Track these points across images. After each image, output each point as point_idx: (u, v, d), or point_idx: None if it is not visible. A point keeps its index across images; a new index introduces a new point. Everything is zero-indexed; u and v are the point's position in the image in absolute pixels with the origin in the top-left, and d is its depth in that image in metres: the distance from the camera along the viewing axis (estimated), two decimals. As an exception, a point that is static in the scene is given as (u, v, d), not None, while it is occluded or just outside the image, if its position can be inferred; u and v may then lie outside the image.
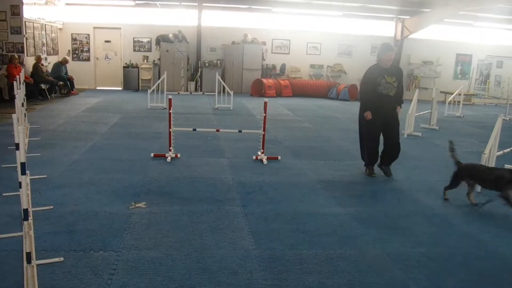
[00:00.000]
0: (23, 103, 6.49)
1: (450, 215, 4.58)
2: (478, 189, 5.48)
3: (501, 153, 5.95)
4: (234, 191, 5.00)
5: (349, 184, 5.53)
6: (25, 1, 11.66)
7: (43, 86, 11.83)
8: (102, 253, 3.37)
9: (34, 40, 12.45)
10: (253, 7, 15.67)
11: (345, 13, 16.03)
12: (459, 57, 17.63)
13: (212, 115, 10.49)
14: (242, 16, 16.14)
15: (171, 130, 6.26)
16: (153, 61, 15.52)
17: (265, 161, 6.25)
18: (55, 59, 13.80)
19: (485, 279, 3.29)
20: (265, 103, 6.29)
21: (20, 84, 6.43)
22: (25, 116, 6.96)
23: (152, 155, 6.31)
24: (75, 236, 3.63)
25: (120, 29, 15.48)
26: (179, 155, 6.32)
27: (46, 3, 13.47)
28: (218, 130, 7.39)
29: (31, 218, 2.97)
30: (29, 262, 2.66)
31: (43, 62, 12.60)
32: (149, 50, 15.74)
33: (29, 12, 11.99)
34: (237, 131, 7.15)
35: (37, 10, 12.69)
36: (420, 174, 6.09)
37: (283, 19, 16.32)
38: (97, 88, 15.54)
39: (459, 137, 9.26)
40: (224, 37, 15.82)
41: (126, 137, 7.68)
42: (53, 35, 14.33)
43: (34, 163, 5.42)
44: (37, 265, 2.87)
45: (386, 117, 5.59)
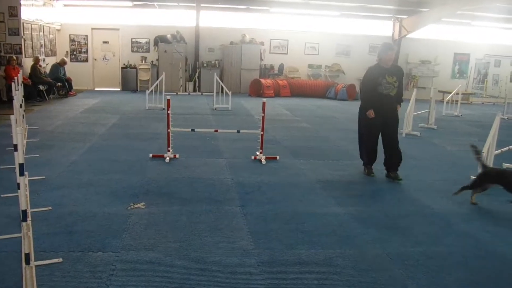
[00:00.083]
0: (21, 104, 6.49)
1: (449, 214, 4.58)
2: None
3: (499, 152, 5.97)
4: (233, 191, 5.00)
5: (348, 183, 5.53)
6: (23, 2, 11.64)
7: (41, 87, 11.81)
8: (101, 253, 3.37)
9: (32, 41, 12.43)
10: (251, 7, 15.68)
11: (343, 13, 16.06)
12: (457, 56, 17.66)
13: (210, 116, 10.49)
14: (240, 16, 16.16)
15: (169, 130, 6.26)
16: (151, 61, 15.51)
17: (263, 161, 6.25)
18: (53, 60, 13.79)
19: (484, 278, 3.30)
20: (264, 103, 6.30)
21: (18, 85, 6.42)
22: (23, 117, 6.95)
23: (150, 155, 6.30)
24: (74, 237, 3.63)
25: (118, 30, 15.47)
26: (177, 156, 6.32)
27: (44, 4, 13.45)
28: (216, 130, 7.39)
29: (29, 219, 2.98)
30: (28, 263, 2.66)
31: (41, 63, 12.59)
32: (147, 50, 15.73)
33: (27, 13, 11.97)
34: (236, 131, 7.15)
35: (35, 11, 12.67)
36: (418, 173, 6.09)
37: (281, 19, 16.34)
38: (95, 89, 15.53)
39: (457, 136, 9.29)
40: (222, 38, 15.82)
41: (124, 138, 7.68)
42: (51, 36, 14.31)
43: (32, 164, 5.41)
44: (36, 266, 2.86)
45: (386, 117, 5.56)
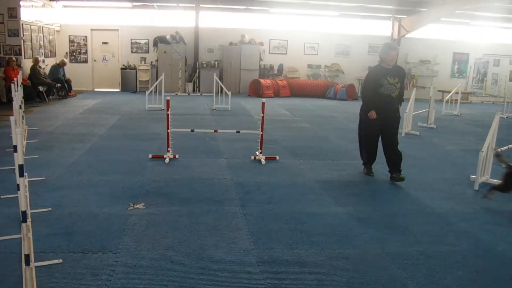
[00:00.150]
0: (20, 106, 6.49)
1: (448, 213, 4.59)
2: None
3: (498, 151, 5.97)
4: (232, 192, 5.00)
5: (348, 183, 5.54)
6: (22, 3, 11.65)
7: (40, 88, 11.82)
8: (100, 254, 3.37)
9: (31, 42, 12.44)
10: (250, 7, 15.68)
11: (342, 13, 16.06)
12: (456, 55, 17.66)
13: (210, 116, 10.49)
14: (239, 16, 16.15)
15: (169, 131, 6.26)
16: (151, 62, 15.51)
17: (263, 161, 6.25)
18: (53, 61, 13.79)
19: (484, 277, 3.30)
20: (263, 104, 6.30)
21: (17, 86, 6.42)
22: (23, 118, 6.96)
23: (150, 156, 6.30)
24: (74, 237, 3.63)
25: (117, 30, 15.47)
26: (177, 156, 6.32)
27: (43, 6, 13.45)
28: (216, 130, 7.40)
29: (29, 220, 2.98)
30: (27, 264, 2.66)
31: (41, 64, 12.59)
32: (147, 51, 15.73)
33: (27, 14, 11.97)
34: (235, 131, 7.15)
35: (35, 12, 12.67)
36: (418, 173, 6.09)
37: (280, 19, 16.34)
38: (95, 89, 15.53)
39: (456, 135, 9.29)
40: (221, 38, 15.82)
41: (124, 138, 7.68)
42: (51, 37, 14.31)
43: (32, 165, 5.41)
44: (35, 267, 2.87)
45: (386, 118, 5.48)
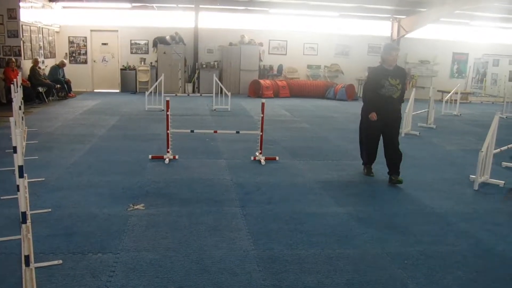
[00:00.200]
0: (20, 107, 6.49)
1: (448, 213, 4.59)
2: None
3: (498, 151, 5.99)
4: (232, 192, 5.00)
5: (347, 183, 5.54)
6: (22, 4, 11.65)
7: (40, 89, 11.81)
8: (100, 255, 3.37)
9: (31, 43, 12.44)
10: (249, 8, 15.69)
11: (341, 13, 16.07)
12: (455, 56, 17.67)
13: (209, 117, 10.49)
14: (239, 17, 16.15)
15: (169, 131, 6.26)
16: (151, 63, 15.51)
17: (263, 162, 6.25)
18: (52, 62, 13.79)
19: (484, 277, 3.30)
20: (263, 104, 6.30)
21: (17, 87, 6.42)
22: (23, 119, 6.96)
23: (150, 157, 6.30)
24: (74, 238, 3.63)
25: (117, 31, 15.47)
26: (177, 157, 6.32)
27: (43, 6, 13.46)
28: (216, 131, 7.40)
29: (29, 221, 2.98)
30: (27, 265, 2.66)
31: (40, 65, 12.59)
32: (146, 52, 15.74)
33: (26, 15, 11.97)
34: (235, 132, 7.15)
35: (34, 13, 12.67)
36: (418, 173, 6.10)
37: (279, 20, 16.34)
38: (95, 90, 15.52)
39: (456, 135, 9.30)
40: (221, 39, 15.82)
41: (124, 139, 7.68)
42: (50, 38, 14.31)
43: (32, 166, 5.41)
44: (35, 268, 2.87)
45: (387, 119, 5.43)
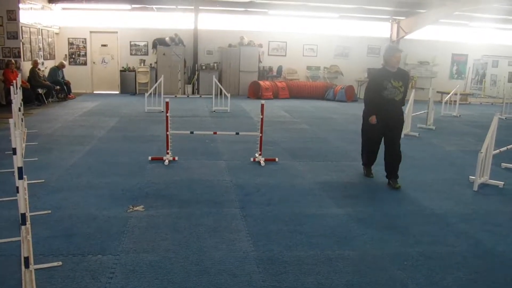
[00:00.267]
0: (20, 108, 6.49)
1: (448, 214, 4.60)
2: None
3: (497, 151, 5.99)
4: (232, 193, 5.00)
5: (347, 184, 5.54)
6: (21, 6, 11.66)
7: (40, 90, 11.80)
8: (100, 257, 3.37)
9: (30, 45, 12.44)
10: (249, 9, 15.70)
11: (341, 14, 16.09)
12: (454, 57, 17.70)
13: (209, 118, 10.50)
14: (238, 18, 16.17)
15: (168, 133, 6.26)
16: (150, 64, 15.53)
17: (262, 163, 6.25)
18: (52, 64, 13.80)
19: (483, 277, 3.30)
20: (262, 105, 6.30)
21: (17, 89, 6.42)
22: (22, 121, 6.96)
23: (149, 158, 6.30)
24: (73, 240, 3.63)
25: (116, 33, 15.48)
26: (176, 158, 6.32)
27: (42, 8, 13.46)
28: (215, 132, 7.41)
29: (28, 222, 2.98)
30: (27, 266, 2.66)
31: (40, 66, 12.59)
32: (146, 53, 15.74)
33: (26, 17, 11.97)
34: (235, 133, 7.15)
35: (34, 15, 12.67)
36: (417, 173, 6.10)
37: (279, 21, 16.35)
38: (94, 92, 15.53)
39: (456, 136, 9.30)
40: (220, 40, 15.83)
41: (123, 140, 7.68)
42: (50, 39, 14.31)
43: (31, 168, 5.42)
44: (35, 269, 2.87)
45: (389, 122, 5.35)
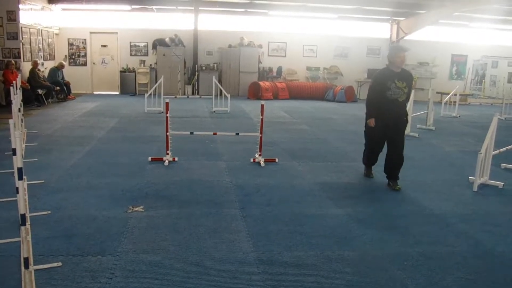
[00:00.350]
0: (20, 109, 6.49)
1: (447, 214, 4.60)
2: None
3: (497, 152, 5.99)
4: (232, 194, 5.00)
5: (347, 185, 5.54)
6: (21, 6, 11.66)
7: (39, 91, 11.80)
8: (100, 257, 3.37)
9: (30, 45, 12.44)
10: (249, 10, 15.71)
11: (340, 15, 16.11)
12: (454, 57, 17.71)
13: (209, 118, 10.50)
14: (238, 19, 16.18)
15: (168, 133, 6.26)
16: (150, 65, 15.54)
17: (262, 164, 6.26)
18: (52, 64, 13.80)
19: (483, 278, 3.30)
20: (262, 106, 6.31)
21: (16, 89, 6.42)
22: (22, 121, 6.95)
23: (149, 159, 6.30)
24: (73, 240, 3.63)
25: (116, 33, 15.49)
26: (176, 159, 6.32)
27: (42, 9, 13.47)
28: (215, 133, 7.41)
29: (28, 223, 2.97)
30: (26, 267, 2.66)
31: (40, 67, 12.59)
32: (146, 54, 15.75)
33: (26, 17, 11.98)
34: (234, 134, 7.16)
35: (34, 15, 12.68)
36: (417, 174, 6.10)
37: (279, 22, 16.37)
38: (94, 92, 15.53)
39: (455, 137, 9.31)
40: (220, 41, 15.84)
41: (123, 141, 7.68)
42: (50, 40, 14.32)
43: (31, 168, 5.41)
44: (35, 270, 2.86)
45: (392, 123, 5.26)
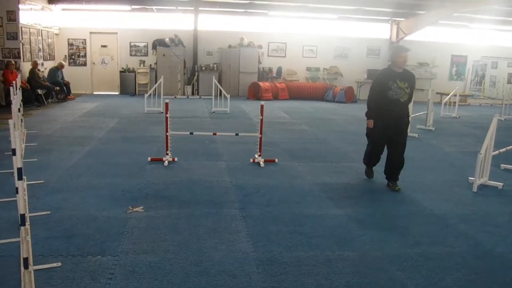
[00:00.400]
0: (19, 109, 6.49)
1: (447, 215, 4.60)
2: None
3: (496, 152, 5.99)
4: (231, 194, 5.00)
5: (347, 185, 5.54)
6: (21, 6, 11.66)
7: (39, 91, 11.80)
8: (100, 257, 3.37)
9: (30, 45, 12.44)
10: (249, 10, 15.72)
11: (340, 16, 16.12)
12: (454, 58, 17.72)
13: (209, 119, 10.50)
14: (238, 19, 16.19)
15: (168, 134, 6.26)
16: (150, 65, 15.54)
17: (262, 164, 6.26)
18: (52, 65, 13.80)
19: (483, 278, 3.30)
20: (262, 106, 6.31)
21: (16, 89, 6.42)
22: (22, 121, 6.95)
23: (149, 159, 6.30)
24: (73, 241, 3.63)
25: (116, 33, 15.50)
26: (176, 159, 6.32)
27: (42, 9, 13.47)
28: (215, 133, 7.41)
29: (28, 223, 2.97)
30: (26, 267, 2.66)
31: (40, 67, 12.59)
32: (146, 54, 15.76)
33: (26, 17, 11.98)
34: (234, 134, 7.15)
35: (34, 15, 12.68)
36: (417, 174, 6.10)
37: (279, 22, 16.38)
38: (94, 93, 15.54)
39: (455, 137, 9.31)
40: (220, 41, 15.85)
41: (123, 141, 7.68)
42: (50, 40, 14.32)
43: (31, 169, 5.41)
44: (34, 270, 2.86)
45: (393, 123, 5.21)
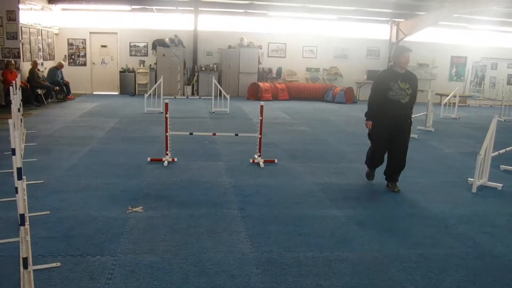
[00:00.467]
0: (19, 108, 6.49)
1: (447, 216, 4.60)
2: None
3: (496, 154, 6.00)
4: (231, 195, 5.00)
5: (346, 186, 5.54)
6: (21, 6, 11.67)
7: (39, 91, 11.81)
8: (99, 257, 3.37)
9: (30, 45, 12.44)
10: (249, 11, 15.72)
11: (340, 16, 16.13)
12: (454, 59, 17.73)
13: (208, 119, 10.50)
14: (238, 20, 16.19)
15: (167, 134, 6.26)
16: (150, 65, 15.54)
17: (262, 164, 6.26)
18: (51, 64, 13.80)
19: (482, 279, 3.31)
20: (262, 107, 6.31)
21: (16, 89, 6.42)
22: (22, 121, 6.95)
23: (149, 159, 6.30)
24: (72, 241, 3.63)
25: (116, 33, 15.50)
26: (176, 159, 6.32)
27: (42, 9, 13.47)
28: (214, 133, 7.42)
29: (27, 223, 2.97)
30: (25, 267, 2.66)
31: (39, 67, 12.59)
32: (146, 54, 15.76)
33: (25, 17, 11.98)
34: (234, 134, 7.16)
35: (33, 15, 12.68)
36: (416, 175, 6.10)
37: (279, 23, 16.39)
38: (94, 93, 15.54)
39: (454, 138, 9.32)
40: (220, 41, 15.85)
41: (123, 141, 7.68)
42: (49, 40, 14.32)
43: (30, 169, 5.41)
44: (33, 270, 2.87)
45: (394, 124, 5.14)
